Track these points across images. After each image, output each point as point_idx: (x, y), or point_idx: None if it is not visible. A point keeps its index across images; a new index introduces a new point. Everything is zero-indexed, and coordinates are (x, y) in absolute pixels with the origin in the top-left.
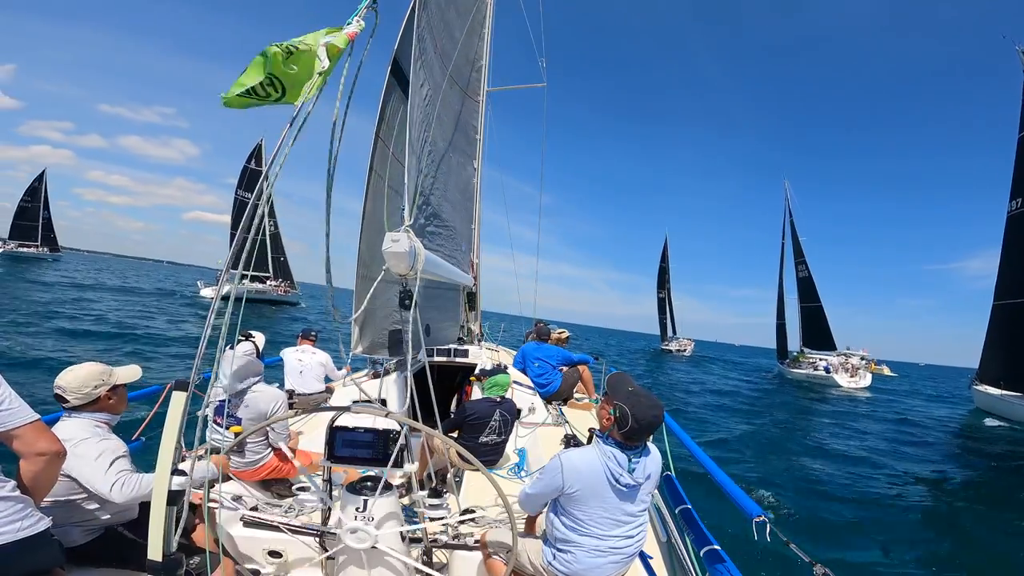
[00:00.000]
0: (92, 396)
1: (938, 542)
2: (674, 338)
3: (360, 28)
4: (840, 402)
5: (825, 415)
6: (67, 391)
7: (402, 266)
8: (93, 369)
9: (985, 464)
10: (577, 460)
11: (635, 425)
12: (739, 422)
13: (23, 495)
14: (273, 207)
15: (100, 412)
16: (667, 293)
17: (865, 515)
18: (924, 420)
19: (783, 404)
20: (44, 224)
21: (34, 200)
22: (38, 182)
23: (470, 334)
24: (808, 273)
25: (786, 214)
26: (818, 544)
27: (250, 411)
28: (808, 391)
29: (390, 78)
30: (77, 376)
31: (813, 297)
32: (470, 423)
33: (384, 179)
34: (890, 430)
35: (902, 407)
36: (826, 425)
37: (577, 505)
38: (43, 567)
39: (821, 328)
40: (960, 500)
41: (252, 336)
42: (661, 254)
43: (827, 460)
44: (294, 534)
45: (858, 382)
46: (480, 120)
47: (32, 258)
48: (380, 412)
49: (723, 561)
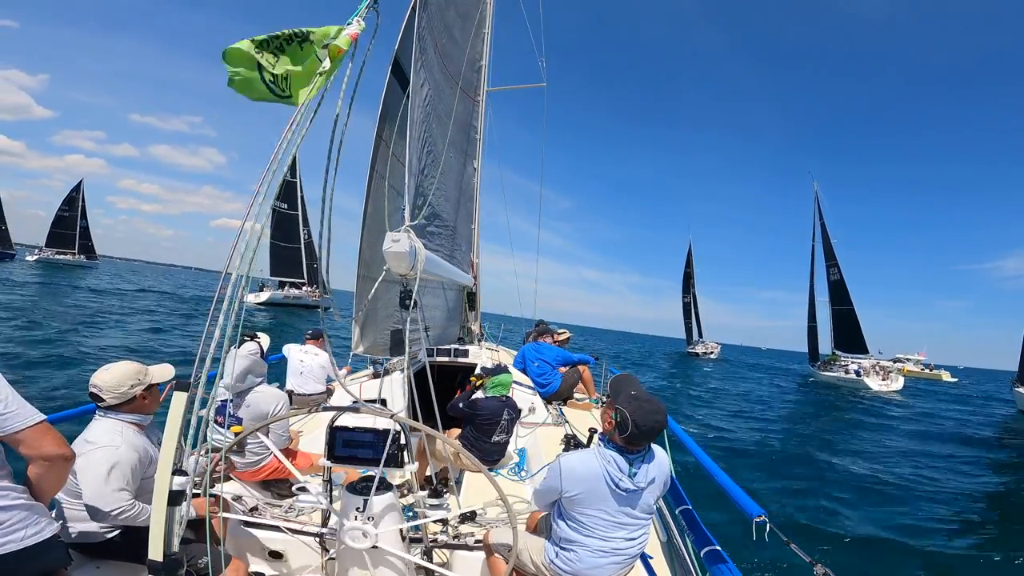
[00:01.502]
0: (128, 396)
1: (944, 537)
2: (700, 341)
3: (361, 28)
4: (871, 407)
5: (853, 421)
6: (103, 390)
7: (403, 266)
8: (129, 368)
9: None
10: (576, 464)
11: (635, 430)
12: (766, 425)
13: (32, 501)
14: (307, 216)
15: (134, 413)
16: (692, 297)
17: (880, 514)
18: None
19: (812, 407)
20: (81, 233)
21: (71, 209)
22: (76, 192)
23: (470, 334)
24: (840, 276)
25: (816, 216)
26: (818, 544)
27: (251, 411)
28: (838, 394)
29: (391, 77)
30: (113, 375)
31: (845, 300)
32: (481, 423)
33: (385, 179)
34: (922, 431)
35: (936, 410)
36: (852, 429)
37: (578, 508)
38: (47, 571)
39: (853, 331)
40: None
41: (257, 337)
42: (686, 260)
43: (848, 459)
44: (294, 534)
45: (889, 385)
46: (480, 120)
47: (69, 265)
48: (381, 412)
49: (724, 561)
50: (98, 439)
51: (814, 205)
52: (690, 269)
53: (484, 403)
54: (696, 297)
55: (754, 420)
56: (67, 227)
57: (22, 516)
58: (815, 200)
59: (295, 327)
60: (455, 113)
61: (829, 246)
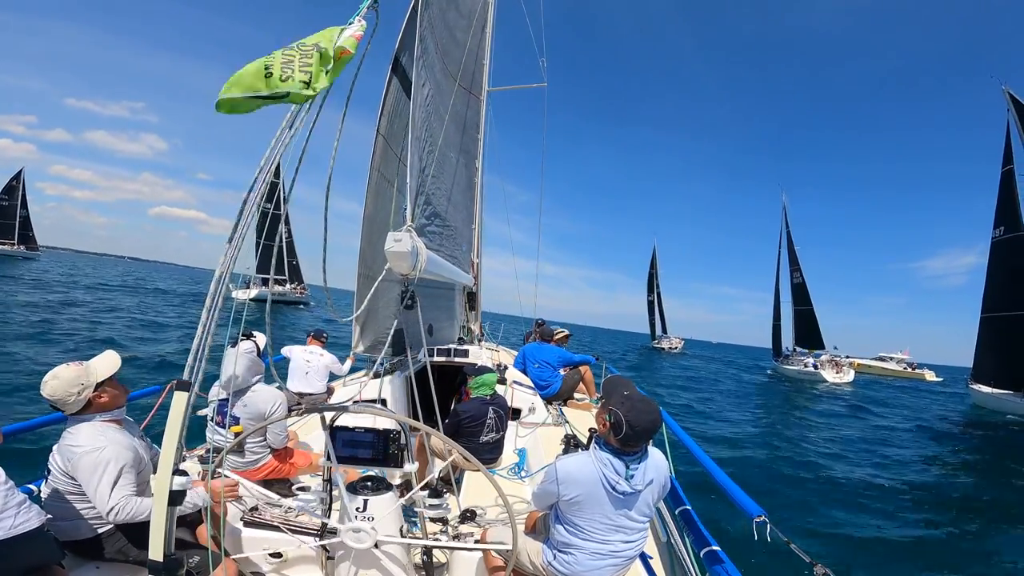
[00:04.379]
0: (81, 401)
1: (939, 528)
2: (664, 336)
3: (362, 28)
4: (824, 396)
5: (817, 410)
6: (56, 401)
7: (404, 266)
8: (67, 375)
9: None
10: (572, 467)
11: (630, 431)
12: (743, 414)
13: (15, 489)
14: (288, 216)
15: (100, 412)
16: (656, 296)
17: (867, 509)
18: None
19: (778, 397)
20: (22, 222)
21: (11, 198)
22: (15, 180)
23: (470, 334)
24: (802, 279)
25: (783, 224)
26: (818, 544)
27: (248, 410)
28: (800, 385)
29: (392, 76)
30: (55, 387)
31: (806, 301)
32: (466, 426)
33: (386, 178)
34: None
35: (891, 399)
36: (821, 419)
37: (576, 511)
38: (38, 563)
39: (812, 329)
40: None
41: (253, 335)
42: (651, 261)
43: (829, 457)
44: (294, 534)
45: (842, 377)
46: (481, 120)
47: (9, 256)
48: (381, 412)
49: (722, 562)
50: (83, 443)
51: (782, 215)
52: (654, 270)
53: (465, 407)
54: (660, 295)
55: (747, 411)
56: (8, 217)
57: (9, 507)
58: (783, 210)
59: (279, 323)
60: (456, 113)
61: (793, 252)
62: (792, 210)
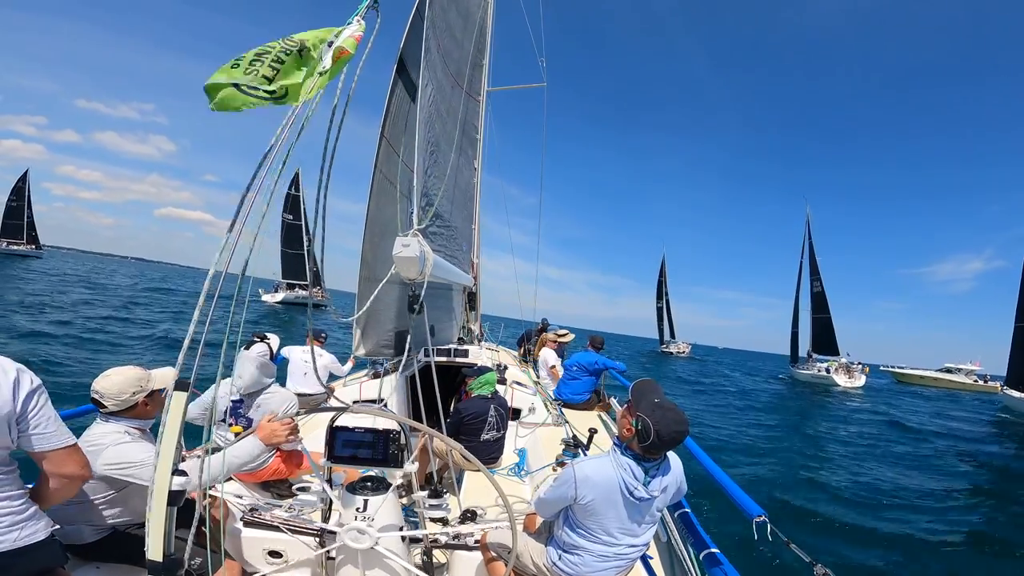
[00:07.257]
0: (130, 403)
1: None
2: (672, 341)
3: (361, 28)
4: (839, 399)
5: (830, 410)
6: (105, 397)
7: (412, 271)
8: (131, 374)
9: None
10: (591, 471)
11: (657, 440)
12: (765, 420)
13: (29, 501)
14: (309, 226)
15: (135, 419)
16: (665, 303)
17: (866, 510)
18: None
19: (795, 401)
20: (28, 223)
21: (19, 200)
22: (22, 182)
23: (470, 334)
24: (822, 288)
25: (806, 234)
26: (818, 543)
27: (262, 412)
28: (813, 389)
29: (395, 77)
30: (115, 382)
31: (824, 309)
32: (468, 424)
33: (388, 179)
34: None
35: (897, 403)
36: (834, 419)
37: (589, 515)
38: (43, 569)
39: (829, 336)
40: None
41: (267, 338)
42: (659, 270)
43: (833, 456)
44: (294, 534)
45: (854, 382)
46: (480, 120)
47: (23, 255)
48: (382, 413)
49: (721, 564)
50: (102, 441)
51: (805, 227)
52: (663, 278)
53: (467, 405)
54: (669, 302)
55: (763, 415)
56: (18, 217)
57: (18, 518)
58: (806, 221)
59: (300, 322)
60: (457, 113)
61: (814, 262)
62: (804, 216)
